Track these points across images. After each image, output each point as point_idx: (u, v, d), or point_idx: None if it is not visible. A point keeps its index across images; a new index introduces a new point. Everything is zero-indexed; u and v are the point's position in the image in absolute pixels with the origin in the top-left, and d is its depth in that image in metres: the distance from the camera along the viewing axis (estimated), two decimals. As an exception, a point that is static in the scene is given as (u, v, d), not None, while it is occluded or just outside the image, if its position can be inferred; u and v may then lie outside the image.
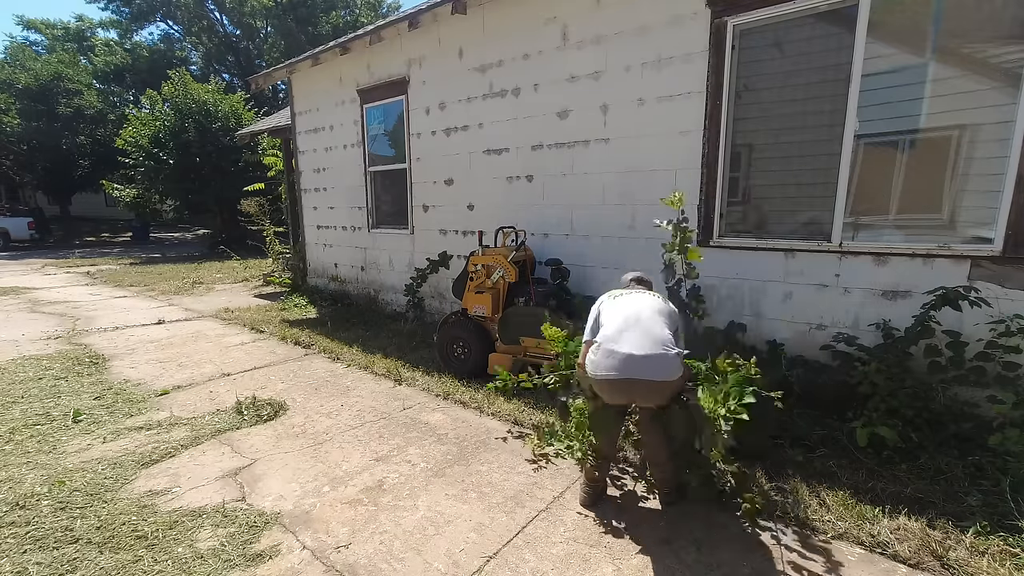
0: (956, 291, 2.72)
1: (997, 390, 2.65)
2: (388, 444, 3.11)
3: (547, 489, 2.60)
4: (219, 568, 2.02)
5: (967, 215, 2.97)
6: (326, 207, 7.56)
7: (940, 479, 2.48)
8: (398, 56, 5.80)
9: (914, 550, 2.03)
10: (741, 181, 3.69)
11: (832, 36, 3.22)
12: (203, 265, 12.70)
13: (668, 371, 2.19)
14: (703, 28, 3.55)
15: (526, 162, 4.79)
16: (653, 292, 2.61)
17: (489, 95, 4.98)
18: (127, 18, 28.31)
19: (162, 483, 2.66)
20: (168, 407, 3.68)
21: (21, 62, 22.70)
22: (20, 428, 3.27)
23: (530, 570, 2.02)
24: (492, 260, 4.22)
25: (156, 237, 22.99)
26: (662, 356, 2.18)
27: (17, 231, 17.81)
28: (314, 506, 2.47)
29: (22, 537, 2.19)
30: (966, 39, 2.89)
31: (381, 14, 29.47)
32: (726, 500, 2.46)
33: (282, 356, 4.98)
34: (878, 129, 3.14)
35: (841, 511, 2.28)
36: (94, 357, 4.86)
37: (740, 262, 3.64)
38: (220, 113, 15.80)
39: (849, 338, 3.13)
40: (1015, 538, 2.04)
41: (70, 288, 9.35)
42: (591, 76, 4.19)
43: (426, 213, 5.89)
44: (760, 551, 2.11)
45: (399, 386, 4.13)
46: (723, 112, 3.55)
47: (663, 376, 2.19)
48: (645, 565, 2.04)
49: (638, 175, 4.05)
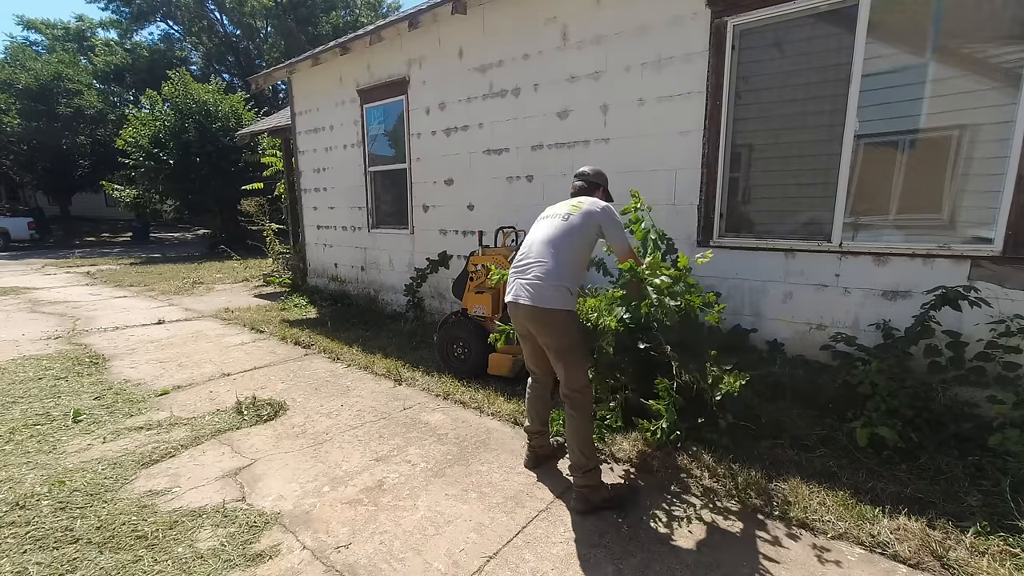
0: (956, 291, 2.72)
1: (997, 390, 2.65)
2: (388, 444, 3.11)
3: (547, 489, 2.60)
4: (219, 568, 2.02)
5: (967, 215, 2.97)
6: (326, 207, 7.56)
7: (940, 479, 2.48)
8: (398, 56, 5.80)
9: (914, 550, 2.03)
10: (741, 181, 3.69)
11: (832, 36, 3.22)
12: (203, 265, 12.70)
13: (543, 299, 2.33)
14: (703, 28, 3.55)
15: (526, 162, 4.79)
16: (578, 199, 2.57)
17: (489, 95, 4.98)
18: (127, 18, 28.31)
19: (162, 483, 2.66)
20: (168, 407, 3.68)
21: (21, 62, 22.68)
22: (20, 428, 3.27)
23: (530, 570, 2.02)
24: (492, 260, 4.22)
25: (156, 237, 23.00)
26: (538, 285, 2.36)
27: (17, 231, 17.82)
28: (314, 506, 2.47)
29: (22, 537, 2.19)
30: (966, 39, 2.89)
31: (381, 14, 29.48)
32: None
33: (282, 356, 4.98)
34: (878, 129, 3.14)
35: (841, 511, 2.28)
36: (94, 357, 4.86)
37: (740, 262, 3.64)
38: (220, 113, 15.79)
39: (849, 338, 3.13)
40: (1015, 538, 2.04)
41: (70, 288, 9.35)
42: (591, 76, 4.20)
43: (426, 213, 5.89)
44: (760, 551, 2.11)
45: (399, 386, 4.13)
46: (723, 112, 3.55)
47: (538, 302, 2.34)
48: (645, 565, 2.04)
49: (638, 175, 4.04)
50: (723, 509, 2.41)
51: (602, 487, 2.42)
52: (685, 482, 2.61)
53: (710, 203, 3.70)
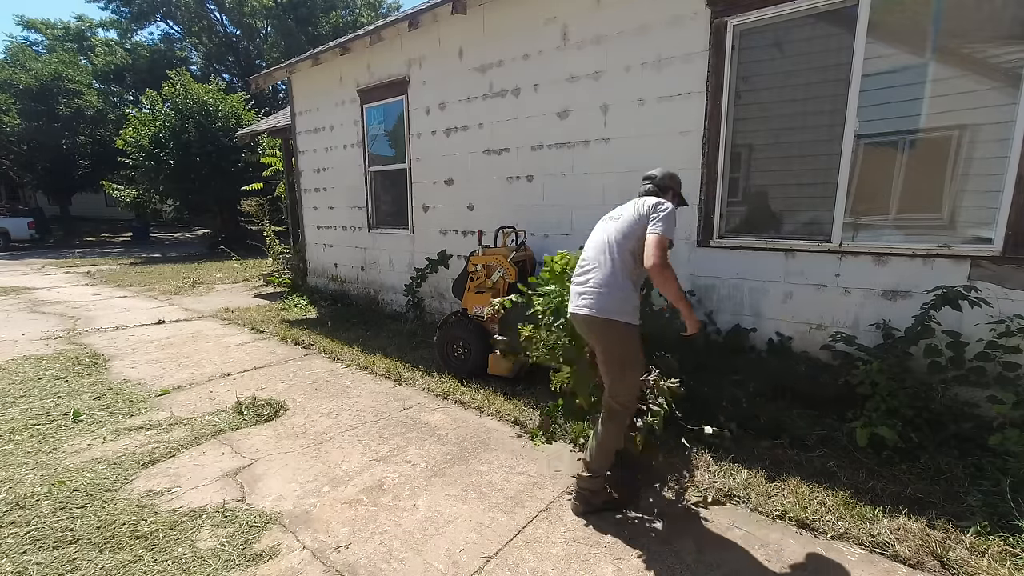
0: (956, 291, 2.72)
1: (997, 390, 2.65)
2: (388, 444, 3.11)
3: (547, 489, 2.60)
4: (219, 568, 2.02)
5: (967, 215, 2.97)
6: (326, 207, 7.56)
7: (940, 479, 2.48)
8: (398, 56, 5.79)
9: (914, 550, 2.03)
10: (741, 181, 3.69)
11: (832, 36, 3.22)
12: (203, 265, 12.70)
13: (597, 307, 2.24)
14: (703, 28, 3.55)
15: (526, 162, 4.79)
16: (642, 200, 2.36)
17: (489, 95, 4.98)
18: (127, 18, 28.28)
19: (162, 483, 2.66)
20: (168, 407, 3.68)
21: (21, 62, 22.67)
22: (20, 428, 3.27)
23: (530, 570, 2.02)
24: (492, 260, 4.22)
25: (156, 237, 22.99)
26: (595, 293, 2.27)
27: (17, 231, 17.82)
28: (314, 506, 2.47)
29: (22, 537, 2.19)
30: (966, 39, 2.89)
31: (381, 14, 29.46)
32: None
33: (282, 356, 4.98)
34: (878, 129, 3.14)
35: (841, 511, 2.28)
36: (94, 357, 4.86)
37: (740, 262, 3.64)
38: (220, 113, 15.79)
39: (849, 338, 3.13)
40: (1015, 538, 2.04)
41: (70, 288, 9.35)
42: (591, 76, 4.19)
43: (426, 213, 5.89)
44: (761, 551, 2.11)
45: (399, 386, 4.13)
46: (723, 112, 3.55)
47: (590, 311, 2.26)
48: (645, 565, 2.04)
49: (638, 175, 3.99)
50: (723, 509, 2.41)
51: (603, 490, 2.42)
52: (684, 482, 2.61)
53: (710, 203, 3.70)
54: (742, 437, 2.91)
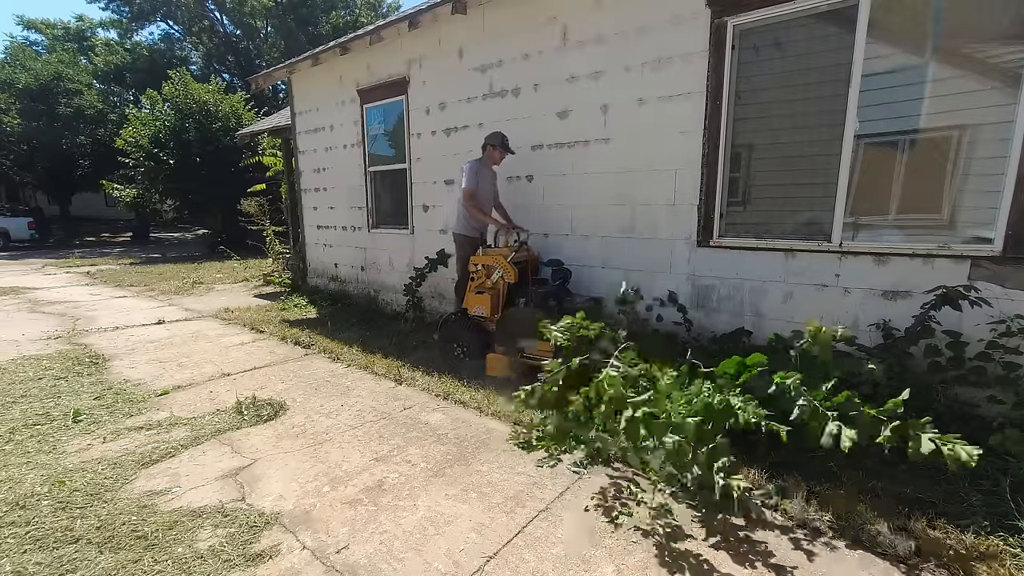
0: (956, 291, 2.72)
1: (997, 390, 2.65)
2: (388, 444, 3.11)
3: (547, 489, 2.60)
4: (219, 568, 2.02)
5: (967, 215, 2.97)
6: (326, 207, 7.56)
7: (940, 479, 2.48)
8: (398, 56, 5.80)
9: (914, 550, 2.03)
10: (741, 181, 3.70)
11: (832, 36, 3.22)
12: (203, 265, 12.70)
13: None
14: (703, 28, 3.55)
15: (526, 162, 4.79)
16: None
17: (489, 95, 4.98)
18: (127, 18, 28.27)
19: (162, 483, 2.66)
20: (168, 407, 3.68)
21: (21, 62, 22.66)
22: (20, 428, 3.27)
23: (530, 570, 2.02)
24: (492, 260, 4.22)
25: (156, 237, 22.99)
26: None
27: (17, 231, 17.81)
28: (314, 506, 2.47)
29: (22, 537, 2.19)
30: (966, 39, 2.89)
31: (381, 14, 29.44)
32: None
33: (282, 356, 4.98)
34: (878, 129, 3.14)
35: (841, 511, 2.28)
36: (94, 357, 4.86)
37: (740, 262, 3.64)
38: (220, 113, 15.77)
39: (849, 338, 3.12)
40: (1015, 538, 2.04)
41: (70, 288, 9.35)
42: (591, 76, 4.19)
43: (426, 213, 5.89)
44: (760, 551, 2.11)
45: (399, 386, 4.13)
46: (723, 112, 3.55)
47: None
48: (645, 565, 2.04)
49: (638, 175, 4.05)
50: (721, 511, 2.40)
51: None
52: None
53: (710, 203, 3.70)
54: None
